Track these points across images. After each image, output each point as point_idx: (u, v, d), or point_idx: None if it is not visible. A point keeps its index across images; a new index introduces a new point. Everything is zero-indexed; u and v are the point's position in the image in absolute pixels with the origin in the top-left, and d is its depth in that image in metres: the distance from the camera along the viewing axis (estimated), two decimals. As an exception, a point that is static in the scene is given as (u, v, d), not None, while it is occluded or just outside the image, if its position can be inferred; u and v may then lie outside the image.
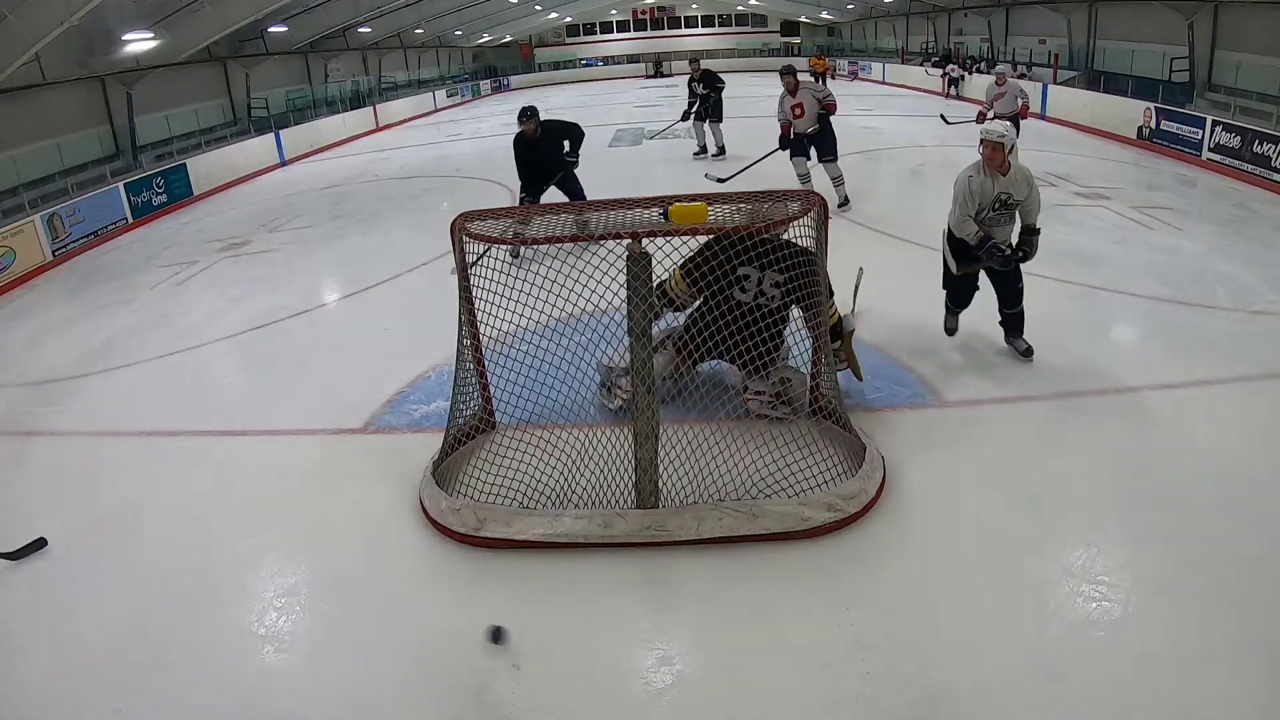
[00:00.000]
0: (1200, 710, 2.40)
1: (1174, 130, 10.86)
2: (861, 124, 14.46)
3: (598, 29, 38.00)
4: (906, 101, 18.65)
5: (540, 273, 3.40)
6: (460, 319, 3.74)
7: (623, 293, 3.21)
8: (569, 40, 38.24)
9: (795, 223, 3.52)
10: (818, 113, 7.70)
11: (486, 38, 32.52)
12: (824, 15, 31.34)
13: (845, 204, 7.96)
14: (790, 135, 7.89)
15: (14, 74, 9.99)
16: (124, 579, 3.33)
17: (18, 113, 11.14)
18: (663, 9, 37.28)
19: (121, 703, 2.67)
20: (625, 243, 3.19)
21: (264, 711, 2.64)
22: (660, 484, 3.31)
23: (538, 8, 30.71)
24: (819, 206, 3.61)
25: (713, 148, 11.38)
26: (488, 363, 3.92)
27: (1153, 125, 11.35)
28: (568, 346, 3.49)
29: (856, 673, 2.60)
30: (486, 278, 3.56)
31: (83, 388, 5.41)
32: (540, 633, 2.86)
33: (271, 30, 17.07)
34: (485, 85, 31.23)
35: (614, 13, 37.11)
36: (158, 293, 7.57)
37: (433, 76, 29.22)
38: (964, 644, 2.70)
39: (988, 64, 19.13)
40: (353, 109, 20.55)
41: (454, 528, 3.35)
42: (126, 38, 12.20)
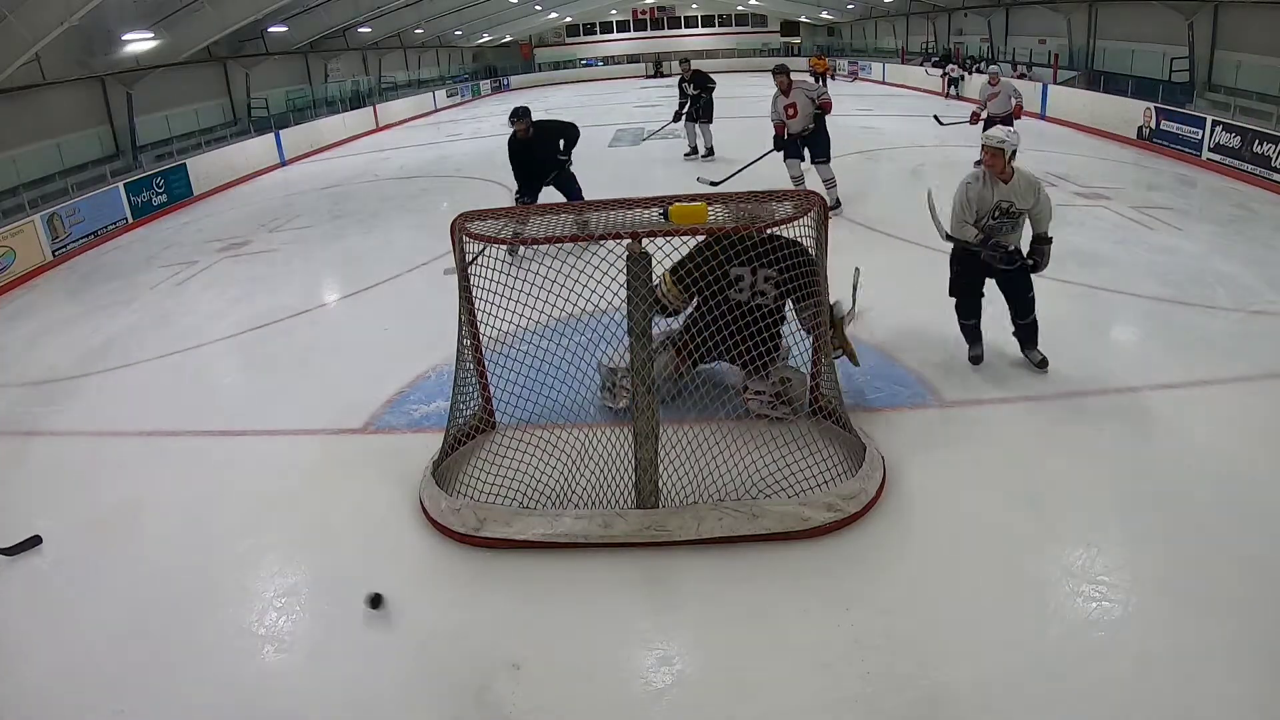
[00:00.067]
0: (1200, 710, 2.40)
1: (1174, 130, 10.86)
2: (861, 124, 14.46)
3: (598, 29, 38.00)
4: (906, 101, 18.65)
5: (540, 272, 3.40)
6: (460, 319, 3.74)
7: (623, 293, 3.21)
8: (569, 40, 38.25)
9: (795, 223, 3.53)
10: (813, 113, 7.62)
11: (486, 38, 32.53)
12: (824, 15, 31.36)
13: (837, 207, 7.86)
14: (784, 136, 7.80)
15: (14, 74, 10.00)
16: (124, 579, 3.33)
17: (18, 113, 11.15)
18: (663, 9, 37.29)
19: (122, 703, 2.68)
20: (625, 243, 3.19)
21: (264, 711, 2.65)
22: (660, 484, 3.31)
23: (538, 8, 30.72)
24: (819, 206, 3.61)
25: (702, 149, 11.40)
26: (488, 363, 3.92)
27: (1153, 125, 11.35)
28: (568, 346, 3.50)
29: (856, 673, 2.60)
30: (486, 278, 3.56)
31: (83, 388, 5.41)
32: (540, 633, 2.87)
33: (271, 30, 17.09)
34: (485, 85, 31.24)
35: (614, 13, 37.12)
36: (158, 293, 7.57)
37: (433, 76, 29.23)
38: (964, 644, 2.70)
39: (988, 64, 19.11)
40: (353, 109, 20.56)
41: (454, 528, 3.35)
42: (126, 38, 12.21)
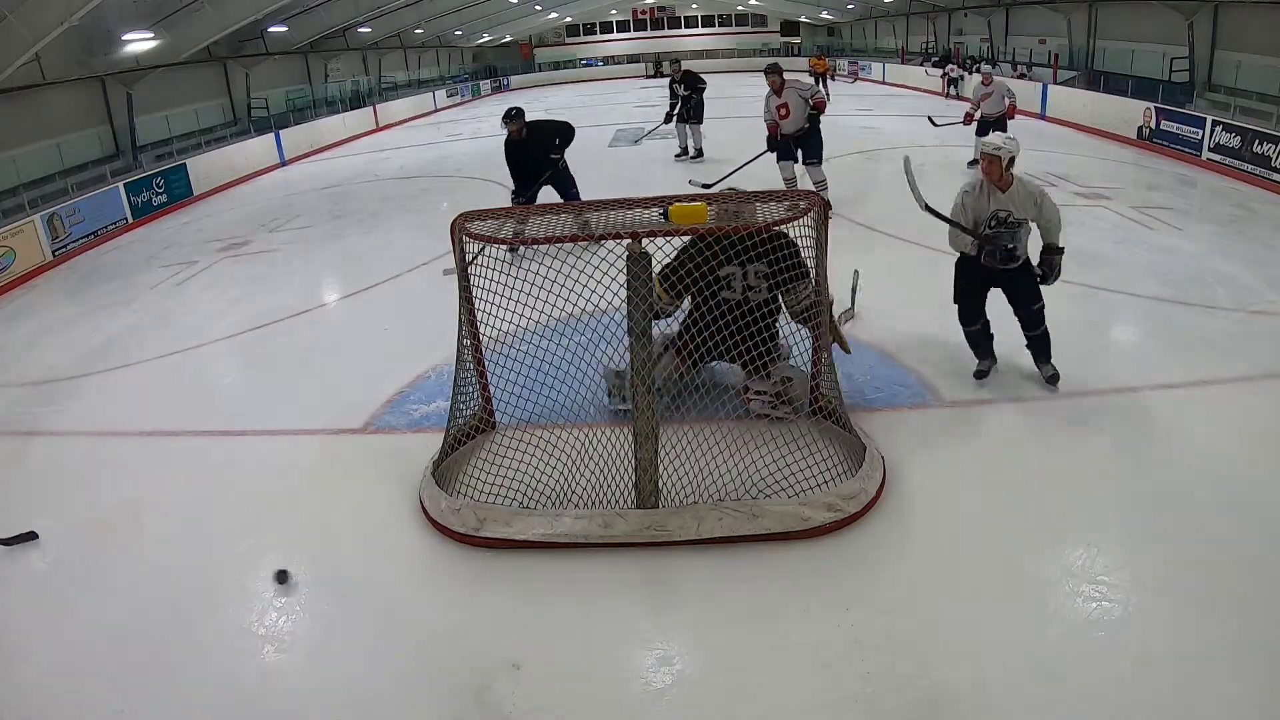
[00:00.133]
0: (1200, 710, 2.40)
1: (1174, 130, 10.86)
2: (861, 124, 14.46)
3: (598, 29, 38.00)
4: (906, 101, 18.64)
5: (540, 273, 3.40)
6: (460, 319, 3.74)
7: (623, 293, 3.21)
8: (569, 40, 38.25)
9: (795, 223, 3.53)
10: (807, 113, 7.50)
11: (486, 38, 32.53)
12: (824, 15, 31.35)
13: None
14: (778, 137, 7.68)
15: (14, 74, 9.99)
16: (124, 579, 3.33)
17: (18, 113, 11.15)
18: (663, 9, 37.29)
19: (122, 703, 2.67)
20: (625, 243, 3.19)
21: (264, 711, 2.64)
22: (660, 484, 3.31)
23: (538, 8, 30.72)
24: (819, 206, 3.61)
25: (691, 150, 11.41)
26: (488, 363, 3.92)
27: (1153, 125, 11.35)
28: (568, 346, 3.50)
29: (856, 673, 2.60)
30: (486, 277, 3.56)
31: (83, 388, 5.41)
32: (540, 633, 2.87)
33: (271, 30, 17.08)
34: (485, 85, 31.23)
35: (614, 13, 37.12)
36: (158, 293, 7.57)
37: (433, 76, 29.22)
38: (964, 644, 2.70)
39: (988, 64, 19.11)
40: (353, 109, 20.56)
41: (454, 528, 3.35)
42: (126, 38, 12.21)
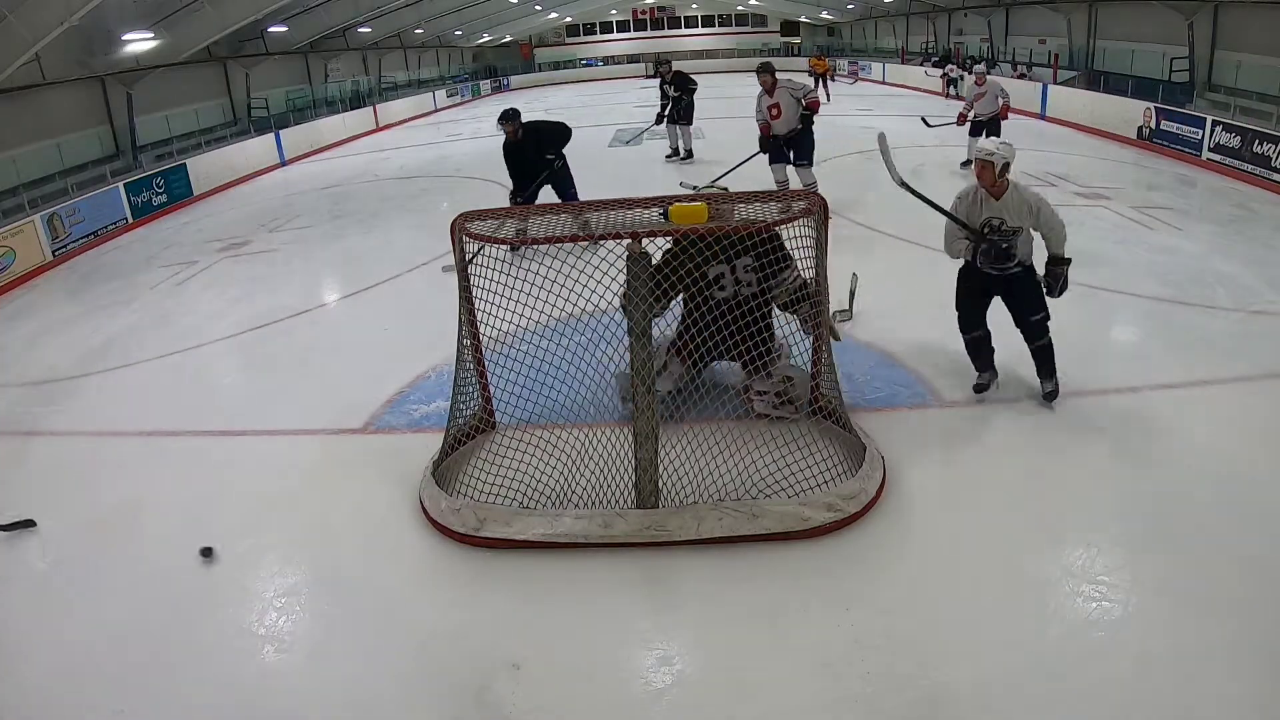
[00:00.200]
0: (1200, 710, 2.40)
1: (1174, 130, 10.86)
2: (861, 124, 14.44)
3: (598, 29, 37.99)
4: (906, 102, 18.64)
5: (540, 272, 3.40)
6: (460, 319, 3.74)
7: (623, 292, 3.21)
8: (569, 40, 38.25)
9: (795, 223, 3.53)
10: (799, 114, 7.41)
11: (486, 38, 32.52)
12: (824, 15, 31.35)
13: None
14: (770, 138, 7.62)
15: (14, 74, 9.99)
16: (124, 579, 3.33)
17: (18, 113, 11.14)
18: (663, 9, 37.28)
19: (122, 703, 2.67)
20: (625, 243, 3.19)
21: (264, 711, 2.64)
22: (660, 484, 3.31)
23: (538, 8, 30.71)
24: (820, 206, 3.61)
25: (681, 150, 11.42)
26: (488, 363, 3.92)
27: (1153, 125, 11.35)
28: (568, 346, 3.49)
29: (856, 673, 2.60)
30: (486, 277, 3.56)
31: (83, 388, 5.41)
32: (540, 633, 2.87)
33: (271, 30, 17.08)
34: (485, 85, 31.22)
35: (614, 13, 37.11)
36: (158, 293, 7.57)
37: (433, 76, 29.21)
38: (964, 644, 2.70)
39: (988, 64, 19.12)
40: (353, 109, 20.55)
41: (454, 528, 3.35)
42: (126, 38, 12.20)
